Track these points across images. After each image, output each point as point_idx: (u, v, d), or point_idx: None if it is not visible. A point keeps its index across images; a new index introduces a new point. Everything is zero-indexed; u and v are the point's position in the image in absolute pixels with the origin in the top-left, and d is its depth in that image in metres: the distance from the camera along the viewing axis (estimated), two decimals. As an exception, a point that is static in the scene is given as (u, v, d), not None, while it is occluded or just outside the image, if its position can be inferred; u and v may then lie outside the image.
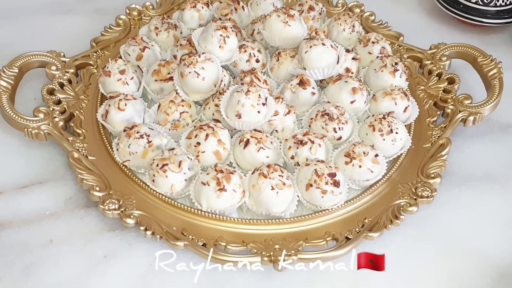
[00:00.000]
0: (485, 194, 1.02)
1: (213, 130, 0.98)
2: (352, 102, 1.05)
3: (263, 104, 0.98)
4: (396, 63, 1.09)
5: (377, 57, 1.13)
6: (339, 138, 1.02)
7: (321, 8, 1.24)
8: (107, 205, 0.93)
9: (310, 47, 1.05)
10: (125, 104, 1.02)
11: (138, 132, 0.97)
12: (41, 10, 1.36)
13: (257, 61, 1.12)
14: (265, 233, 0.92)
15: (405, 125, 1.04)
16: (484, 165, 1.07)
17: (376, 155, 0.97)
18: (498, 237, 0.97)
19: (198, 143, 0.97)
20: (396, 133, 1.00)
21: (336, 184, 0.92)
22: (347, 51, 1.12)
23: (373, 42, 1.15)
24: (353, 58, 1.12)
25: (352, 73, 1.11)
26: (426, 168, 1.01)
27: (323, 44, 1.05)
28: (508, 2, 1.27)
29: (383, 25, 1.28)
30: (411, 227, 0.96)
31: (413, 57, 1.21)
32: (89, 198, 0.96)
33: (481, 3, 1.28)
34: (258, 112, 0.98)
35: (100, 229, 0.95)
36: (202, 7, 1.21)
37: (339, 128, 1.01)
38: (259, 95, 0.98)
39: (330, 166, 0.93)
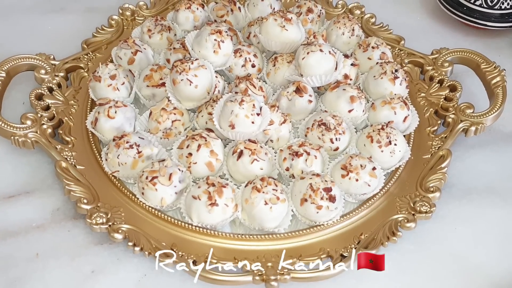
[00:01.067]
0: (486, 208, 0.99)
1: (206, 140, 0.94)
2: (350, 111, 1.01)
3: (258, 114, 0.95)
4: (396, 70, 1.05)
5: (377, 63, 1.09)
6: (336, 149, 0.98)
7: (320, 10, 1.20)
8: (94, 219, 0.90)
9: (308, 53, 1.01)
10: (115, 112, 0.99)
11: (127, 142, 0.94)
12: (32, 8, 1.32)
13: (253, 66, 1.09)
14: (258, 249, 0.90)
15: (404, 135, 1.01)
16: (485, 177, 1.03)
17: (374, 168, 0.94)
18: (499, 254, 0.94)
19: (190, 154, 0.94)
20: (395, 144, 0.97)
21: (332, 199, 0.89)
22: (346, 56, 1.08)
23: (373, 47, 1.11)
24: (352, 64, 1.08)
25: (350, 79, 1.08)
26: (425, 181, 0.98)
27: (321, 50, 1.01)
28: (513, 5, 1.24)
29: (383, 28, 1.24)
30: (409, 242, 0.94)
31: (414, 62, 1.18)
32: (77, 210, 0.93)
33: (485, 5, 1.24)
34: (252, 122, 0.94)
35: (88, 242, 0.92)
36: (197, 8, 1.17)
37: (336, 138, 0.98)
38: (253, 105, 0.94)
39: (325, 180, 0.90)
